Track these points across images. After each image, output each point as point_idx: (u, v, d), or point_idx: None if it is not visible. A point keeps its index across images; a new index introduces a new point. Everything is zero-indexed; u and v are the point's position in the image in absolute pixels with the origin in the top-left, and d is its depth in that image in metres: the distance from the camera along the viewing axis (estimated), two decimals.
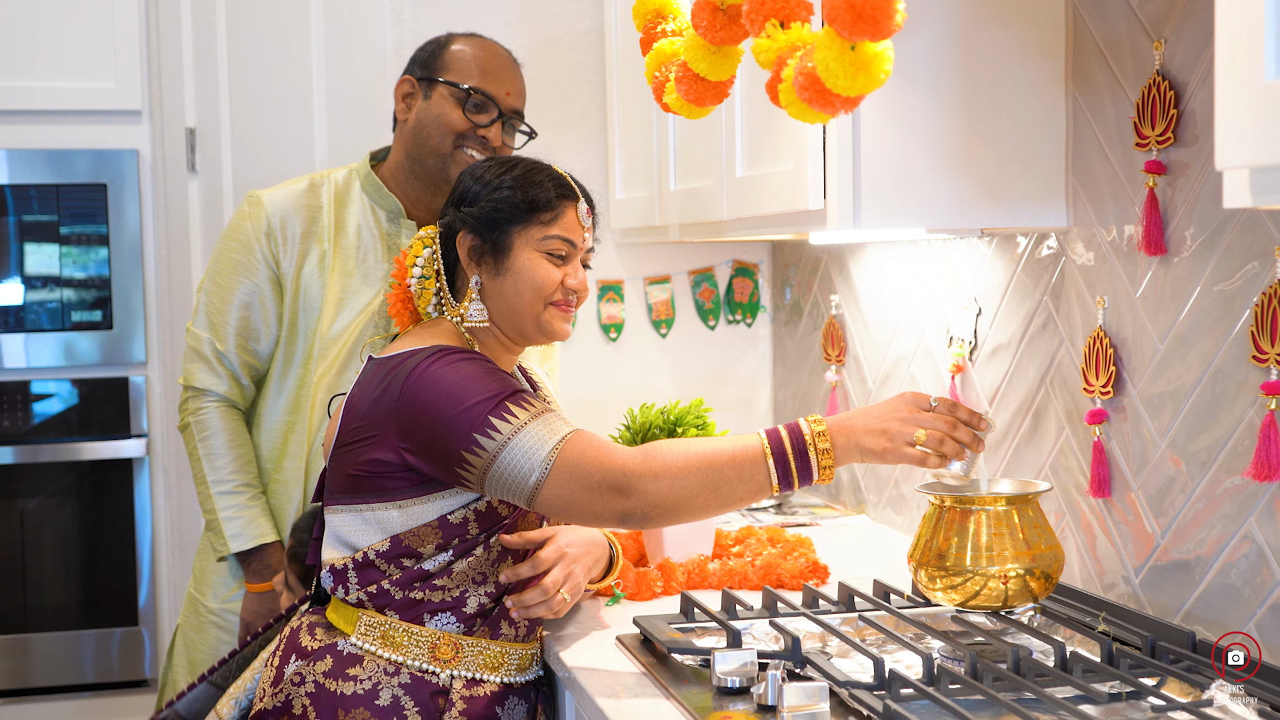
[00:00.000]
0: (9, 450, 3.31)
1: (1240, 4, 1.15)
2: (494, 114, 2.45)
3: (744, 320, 3.35)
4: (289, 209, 2.49)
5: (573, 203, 1.95)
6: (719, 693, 1.69)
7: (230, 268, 2.48)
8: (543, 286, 1.92)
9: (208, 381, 2.48)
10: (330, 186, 2.53)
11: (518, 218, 1.92)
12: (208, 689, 2.10)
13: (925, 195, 2.00)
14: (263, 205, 2.49)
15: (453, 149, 2.44)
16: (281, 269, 2.47)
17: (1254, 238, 1.71)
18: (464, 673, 1.89)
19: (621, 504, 1.77)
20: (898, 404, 1.80)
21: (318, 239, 2.49)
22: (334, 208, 2.51)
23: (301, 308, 2.48)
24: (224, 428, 2.48)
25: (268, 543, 2.47)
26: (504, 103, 2.46)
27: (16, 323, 3.31)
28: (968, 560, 1.81)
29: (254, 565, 2.48)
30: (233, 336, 2.47)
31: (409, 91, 2.48)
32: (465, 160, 2.44)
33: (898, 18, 1.36)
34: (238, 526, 2.45)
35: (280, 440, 2.52)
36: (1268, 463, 1.67)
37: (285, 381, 2.51)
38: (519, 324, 1.94)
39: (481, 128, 2.44)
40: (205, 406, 2.48)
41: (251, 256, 2.47)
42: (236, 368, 2.48)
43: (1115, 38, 1.95)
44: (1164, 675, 1.65)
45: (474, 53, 2.47)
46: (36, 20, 3.27)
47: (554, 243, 1.92)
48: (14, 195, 3.29)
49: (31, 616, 3.34)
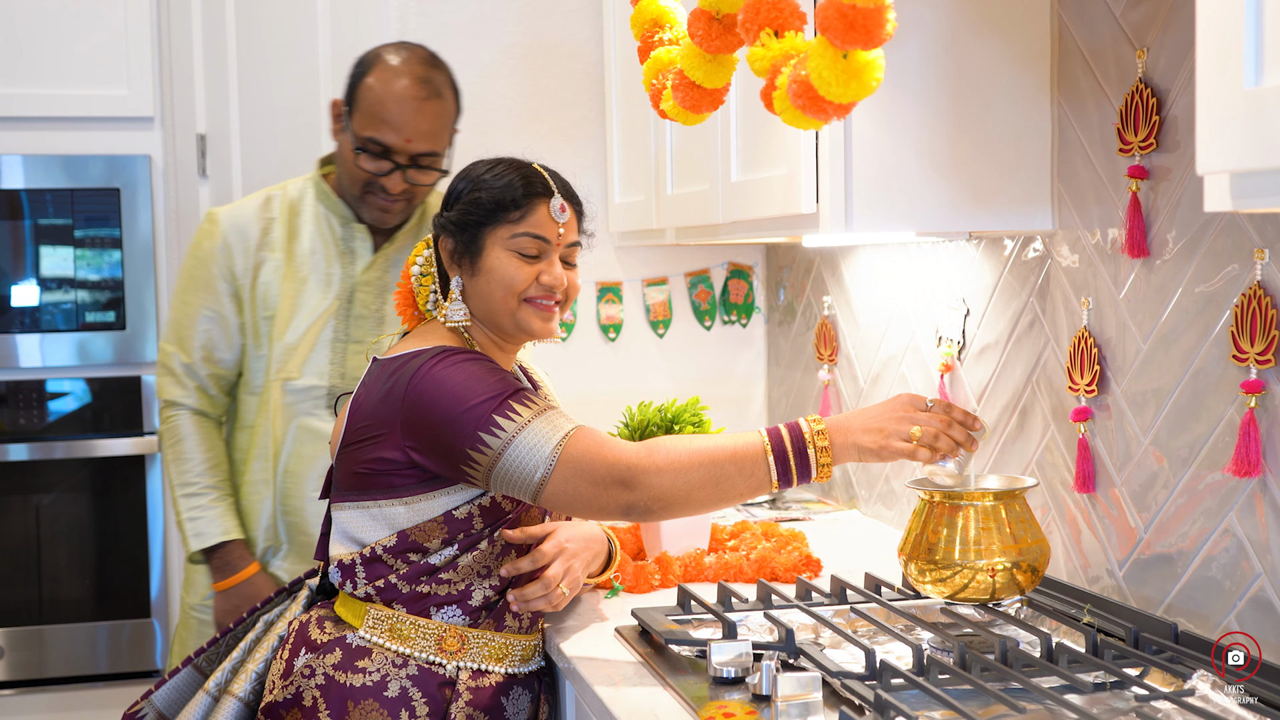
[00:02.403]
0: (24, 447, 3.34)
1: (1220, 14, 1.16)
2: (389, 166, 2.40)
3: (739, 321, 3.37)
4: (244, 223, 2.52)
5: (545, 199, 1.92)
6: (715, 683, 1.70)
7: (192, 285, 2.52)
8: (513, 284, 1.91)
9: (176, 394, 2.52)
10: (283, 198, 2.55)
11: (487, 218, 1.91)
12: (191, 674, 2.08)
13: (915, 199, 2.00)
14: (219, 222, 2.52)
15: (362, 194, 2.45)
16: (238, 281, 2.50)
17: (1234, 240, 1.72)
18: (470, 664, 1.90)
19: (625, 498, 1.78)
20: (894, 404, 1.82)
21: (271, 249, 2.51)
22: (287, 217, 2.53)
23: (260, 317, 2.51)
24: (192, 434, 2.52)
25: (229, 540, 2.49)
26: (403, 150, 2.39)
27: (32, 323, 3.33)
28: (956, 554, 1.82)
29: (216, 563, 2.50)
30: (197, 350, 2.50)
31: (338, 114, 2.47)
32: (374, 204, 2.45)
33: (889, 27, 1.36)
34: (199, 526, 2.49)
35: (248, 443, 2.55)
36: (1247, 459, 1.68)
37: (255, 387, 2.54)
38: (497, 322, 1.95)
39: (380, 176, 2.41)
40: (175, 415, 2.53)
41: (210, 273, 2.50)
42: (203, 379, 2.52)
43: (1099, 46, 1.96)
44: (1147, 665, 1.65)
45: (380, 94, 2.38)
46: (52, 30, 3.29)
47: (523, 240, 1.91)
48: (30, 199, 3.32)
49: (46, 609, 3.35)
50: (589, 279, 3.27)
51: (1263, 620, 1.70)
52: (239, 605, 2.46)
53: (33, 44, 3.29)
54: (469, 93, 3.16)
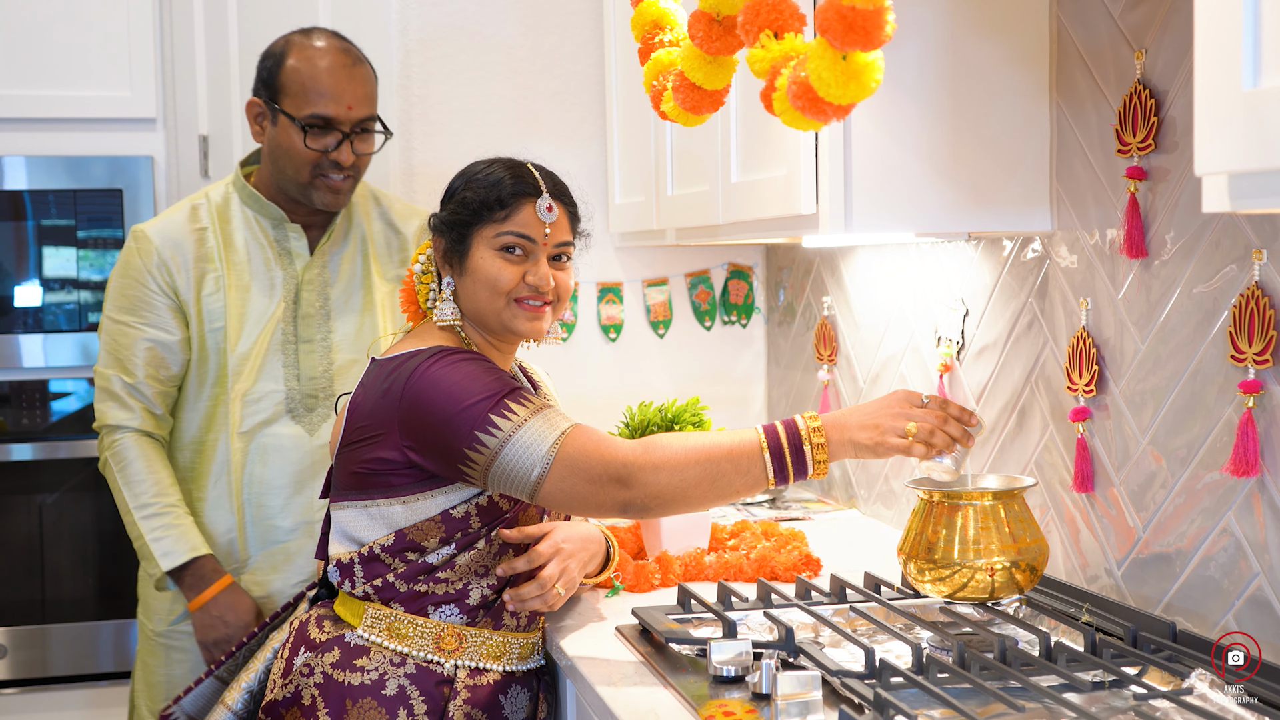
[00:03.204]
0: (28, 447, 3.34)
1: (1219, 15, 1.16)
2: (337, 137, 2.40)
3: (739, 321, 3.38)
4: (176, 237, 2.47)
5: (531, 199, 1.92)
6: (715, 681, 1.70)
7: (128, 304, 2.46)
8: (497, 283, 1.91)
9: (120, 417, 2.45)
10: (209, 206, 2.51)
11: (474, 218, 1.92)
12: (213, 683, 2.11)
13: (914, 200, 2.01)
14: (149, 239, 2.46)
15: (311, 178, 2.42)
16: (181, 297, 2.46)
17: (1232, 241, 1.73)
18: (468, 662, 1.91)
19: (622, 495, 1.78)
20: (891, 401, 1.82)
21: (209, 260, 2.47)
22: (218, 226, 2.49)
23: (208, 330, 2.46)
24: (140, 455, 2.45)
25: (200, 555, 2.42)
26: (346, 119, 2.39)
27: (35, 323, 3.34)
28: (955, 553, 1.82)
29: (188, 580, 2.43)
30: (141, 368, 2.45)
31: (259, 113, 2.45)
32: (325, 186, 2.42)
33: (888, 29, 1.36)
34: (167, 545, 2.41)
35: (195, 461, 2.50)
36: (1245, 459, 1.68)
37: (198, 403, 2.49)
38: (485, 322, 1.95)
39: (329, 151, 2.40)
40: (119, 439, 2.46)
41: (147, 290, 2.45)
42: (150, 398, 2.46)
43: (1098, 48, 1.96)
44: (1145, 664, 1.66)
45: (307, 71, 2.38)
46: (54, 32, 3.30)
47: (508, 239, 1.91)
48: (33, 200, 3.32)
49: (49, 608, 3.36)
50: (590, 279, 3.28)
51: (1261, 619, 1.71)
52: (220, 617, 2.41)
53: (36, 46, 3.29)
54: (470, 93, 3.17)
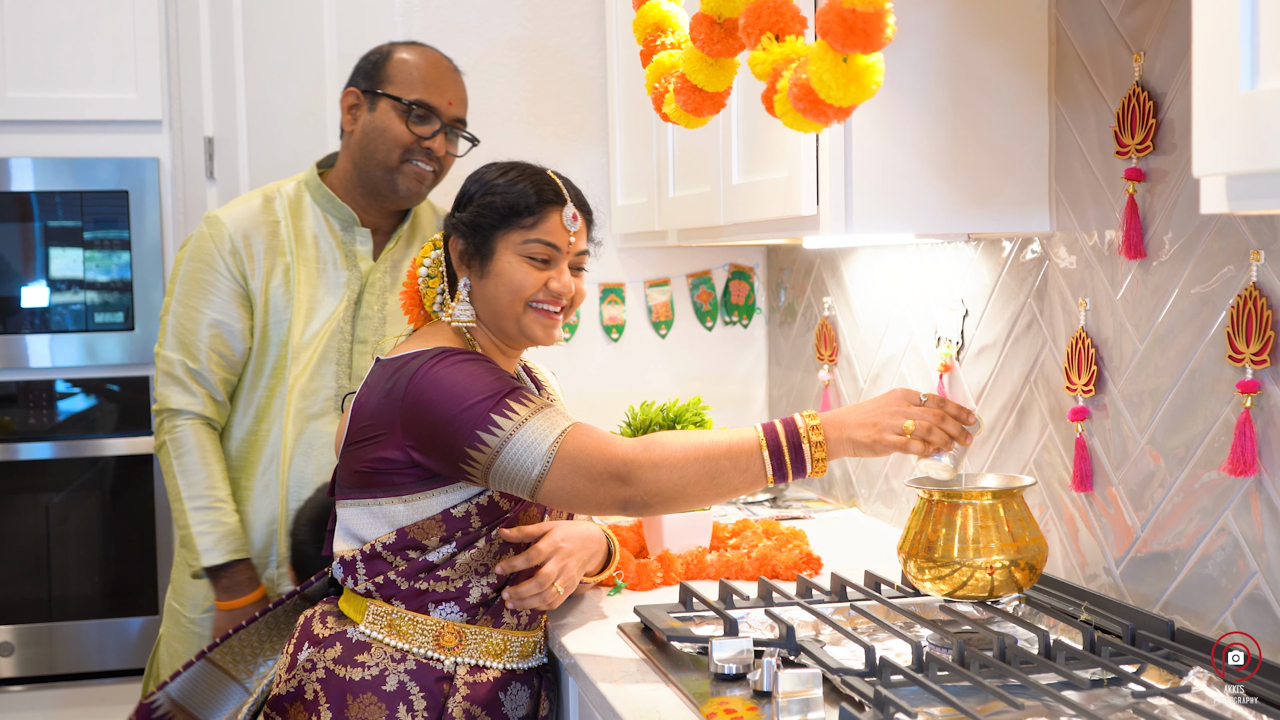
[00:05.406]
0: (34, 446, 3.36)
1: (1217, 18, 1.16)
2: (437, 125, 2.48)
3: (740, 321, 3.39)
4: (249, 226, 2.50)
5: (558, 207, 1.95)
6: (716, 679, 1.70)
7: (197, 288, 2.48)
8: (521, 289, 1.93)
9: (183, 401, 2.47)
10: (283, 200, 2.54)
11: (500, 222, 1.93)
12: (205, 666, 2.10)
13: (914, 201, 2.01)
14: (223, 224, 2.49)
15: (399, 162, 2.47)
16: (250, 286, 2.48)
17: (1230, 242, 1.73)
18: (468, 659, 1.92)
19: (622, 492, 1.79)
20: (889, 399, 1.83)
21: (280, 253, 2.50)
22: (290, 220, 2.53)
23: (271, 321, 2.49)
24: (197, 445, 2.47)
25: (239, 559, 2.45)
26: (446, 113, 2.49)
27: (42, 324, 3.35)
28: (955, 552, 1.83)
29: (224, 582, 2.46)
30: (205, 354, 2.47)
31: (354, 103, 2.50)
32: (413, 173, 2.47)
33: (888, 31, 1.37)
34: (210, 541, 2.44)
35: (245, 450, 2.52)
36: (1243, 458, 1.69)
37: (254, 394, 2.52)
38: (501, 325, 1.97)
39: (425, 139, 2.46)
40: (180, 425, 2.47)
41: (217, 275, 2.48)
42: (213, 384, 2.49)
43: (1096, 50, 1.97)
44: (1144, 662, 1.66)
45: (416, 64, 2.49)
46: (61, 35, 3.32)
47: (534, 246, 1.93)
48: (39, 202, 3.34)
49: (56, 606, 3.37)
50: (592, 280, 3.29)
51: (1258, 618, 1.72)
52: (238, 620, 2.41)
53: (42, 49, 3.31)
54: (473, 95, 3.18)
